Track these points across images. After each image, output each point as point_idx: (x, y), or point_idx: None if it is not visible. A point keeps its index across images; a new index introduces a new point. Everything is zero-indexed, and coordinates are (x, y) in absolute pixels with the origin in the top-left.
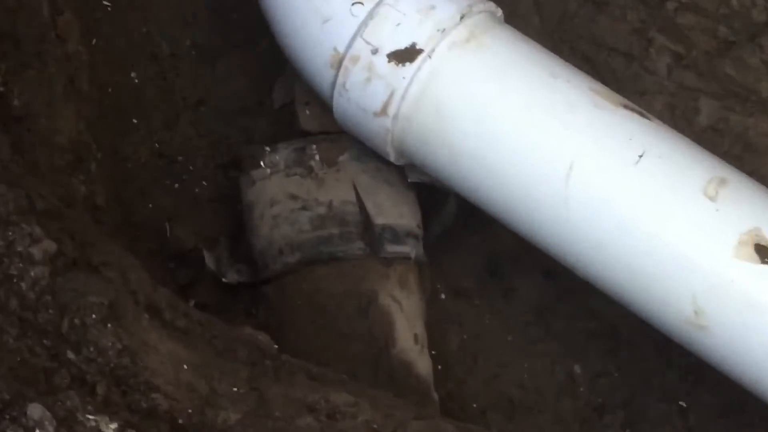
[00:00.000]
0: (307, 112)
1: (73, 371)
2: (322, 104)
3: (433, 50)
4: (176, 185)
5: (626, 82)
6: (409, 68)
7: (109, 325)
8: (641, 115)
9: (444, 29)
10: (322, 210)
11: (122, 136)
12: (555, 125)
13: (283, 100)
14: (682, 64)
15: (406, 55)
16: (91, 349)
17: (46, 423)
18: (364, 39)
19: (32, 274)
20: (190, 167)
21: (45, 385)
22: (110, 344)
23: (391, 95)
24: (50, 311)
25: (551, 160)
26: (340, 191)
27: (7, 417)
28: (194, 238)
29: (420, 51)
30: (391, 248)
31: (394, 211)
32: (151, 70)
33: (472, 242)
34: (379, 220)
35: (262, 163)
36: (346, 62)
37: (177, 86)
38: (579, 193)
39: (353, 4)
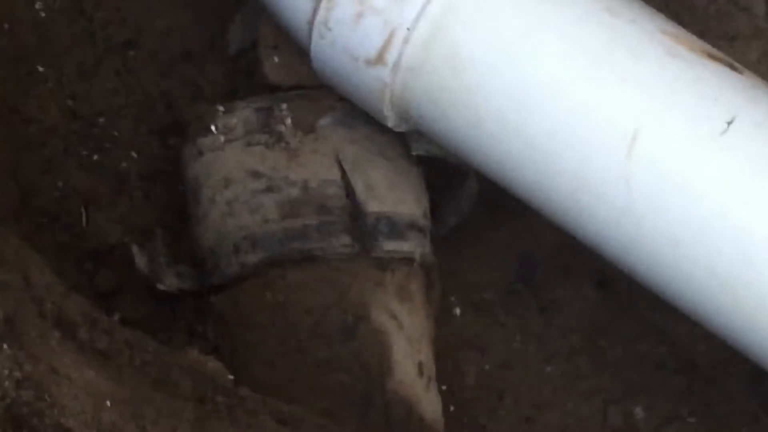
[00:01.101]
0: (276, 59)
1: None
2: (295, 49)
3: None
4: (95, 157)
5: (710, 23)
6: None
7: (4, 346)
8: (731, 67)
9: None
10: (294, 192)
11: (23, 88)
12: (613, 80)
13: (242, 44)
14: None
15: None
16: None
17: None
18: None
19: None
20: (115, 132)
21: None
22: (7, 372)
23: (391, 37)
24: None
25: (607, 127)
26: (320, 167)
27: None
28: (119, 230)
29: None
30: (389, 245)
31: (392, 194)
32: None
33: (498, 239)
34: (372, 206)
35: (213, 128)
36: None
37: (98, 22)
38: (644, 173)
39: None
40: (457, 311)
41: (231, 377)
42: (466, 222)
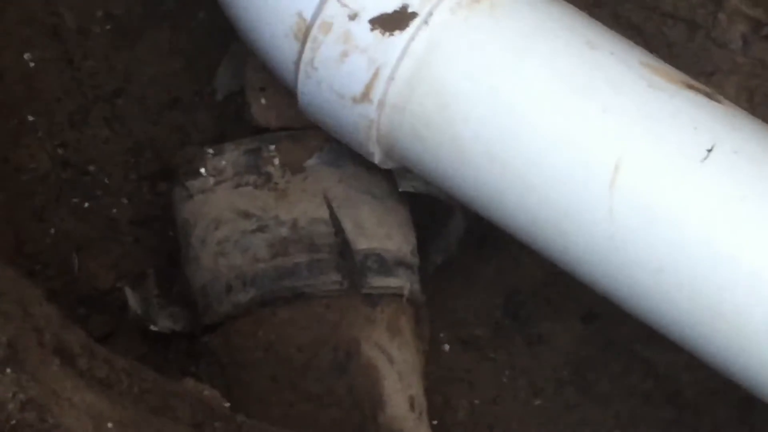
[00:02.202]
0: (263, 101)
1: None
2: (282, 90)
3: (430, 14)
4: (86, 204)
5: (688, 59)
6: (400, 38)
7: (8, 369)
8: (709, 97)
9: None
10: (283, 231)
11: (14, 138)
12: (594, 111)
13: (229, 89)
14: (761, 34)
15: (394, 21)
16: None
17: None
18: (338, 0)
19: None
20: (105, 180)
21: None
22: (10, 395)
23: (376, 75)
24: None
25: (590, 157)
26: (308, 206)
27: None
28: (112, 275)
29: (413, 15)
30: (378, 281)
31: (380, 231)
32: (52, 49)
33: (485, 275)
34: (360, 244)
35: (202, 170)
36: (314, 32)
37: (86, 71)
38: (627, 202)
39: None
40: (447, 347)
41: (227, 404)
42: (454, 259)
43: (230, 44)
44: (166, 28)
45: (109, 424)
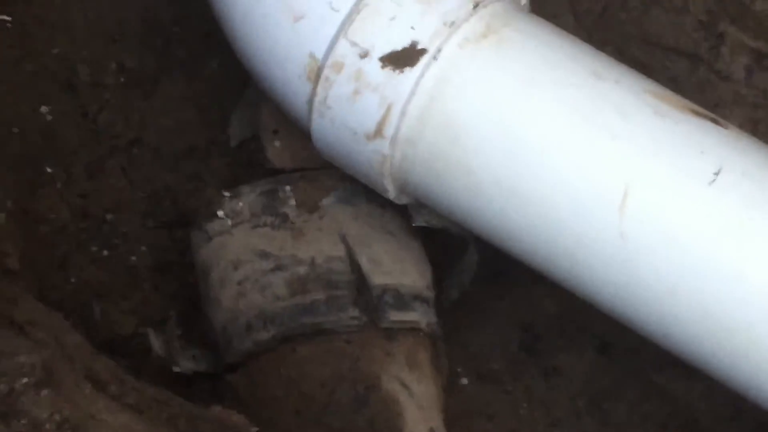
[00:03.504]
0: (277, 143)
1: None
2: (296, 132)
3: (439, 50)
4: (106, 252)
5: (692, 92)
6: (410, 75)
7: (44, 391)
8: (714, 122)
9: (453, 22)
10: (302, 269)
11: (33, 189)
12: (603, 138)
13: (243, 135)
14: (763, 65)
15: (404, 58)
16: (23, 421)
17: None
18: (349, 39)
19: None
20: (124, 228)
21: None
22: (47, 415)
23: (388, 111)
24: None
25: (600, 184)
26: (325, 244)
27: None
28: (133, 321)
29: (423, 51)
30: (395, 316)
31: (396, 267)
32: (68, 102)
33: (500, 310)
34: (377, 279)
35: (220, 213)
36: (326, 71)
37: (102, 123)
38: (638, 226)
39: None
40: (465, 381)
41: (256, 429)
42: (468, 295)
43: (242, 92)
44: (179, 79)
45: None
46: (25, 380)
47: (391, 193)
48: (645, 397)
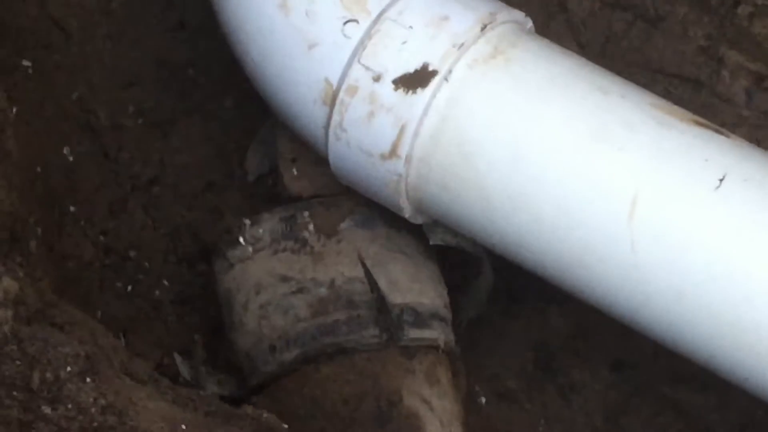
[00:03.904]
0: (294, 171)
1: (53, 428)
2: (312, 160)
3: (450, 71)
4: (130, 288)
5: (694, 115)
6: (422, 95)
7: (87, 379)
8: (717, 132)
9: (462, 44)
10: (322, 291)
11: (58, 228)
12: (611, 151)
13: (260, 170)
14: (763, 87)
15: (416, 80)
16: (69, 406)
17: None
18: (362, 64)
19: None
20: (146, 264)
21: None
22: (91, 400)
23: (402, 131)
24: (17, 362)
25: (609, 194)
26: (344, 266)
27: None
28: (158, 353)
29: (434, 73)
30: (414, 333)
31: (413, 287)
32: (88, 144)
33: (515, 331)
34: (396, 299)
35: (241, 240)
36: (342, 95)
37: (122, 163)
38: (646, 232)
39: (345, 22)
40: (483, 400)
41: (286, 426)
42: (484, 317)
43: (257, 130)
44: (195, 119)
45: (183, 426)
46: (69, 369)
47: (407, 212)
48: (659, 411)
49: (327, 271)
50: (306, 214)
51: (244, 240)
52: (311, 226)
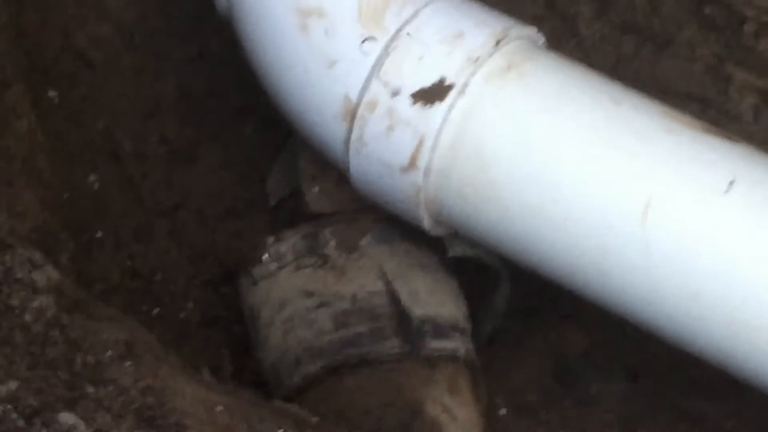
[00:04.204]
0: (316, 189)
1: (96, 405)
2: (333, 178)
3: (465, 84)
4: (156, 310)
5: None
6: (439, 108)
7: (127, 362)
8: (725, 138)
9: (477, 58)
10: (344, 305)
11: (86, 253)
12: (624, 158)
13: (281, 194)
14: None
15: (433, 93)
16: (110, 387)
17: (82, 429)
18: (380, 79)
19: (36, 304)
20: (172, 287)
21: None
22: (132, 381)
23: (420, 143)
24: (60, 346)
25: (623, 199)
26: (365, 280)
27: (39, 421)
28: None
29: (450, 86)
30: (435, 344)
31: (433, 299)
32: (113, 172)
33: (534, 345)
34: (416, 311)
35: (265, 257)
36: (361, 110)
37: (146, 190)
38: (660, 235)
39: (363, 40)
40: (503, 411)
41: (315, 419)
42: (502, 331)
43: (277, 155)
44: (216, 146)
45: (219, 407)
46: (110, 353)
47: (426, 223)
48: (676, 421)
49: (349, 285)
50: (328, 230)
51: (268, 257)
52: (333, 243)
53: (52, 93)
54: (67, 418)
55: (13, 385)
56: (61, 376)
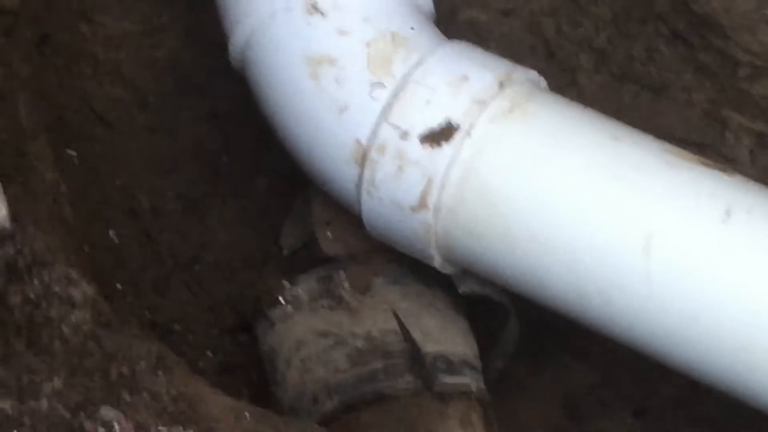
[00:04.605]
0: (329, 233)
1: (131, 410)
2: (345, 222)
3: (472, 125)
4: None
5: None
6: (447, 149)
7: (159, 372)
8: (721, 170)
9: (482, 100)
10: (359, 343)
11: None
12: (626, 192)
13: (295, 245)
14: (766, 145)
15: (441, 135)
16: (144, 395)
17: (123, 422)
18: (390, 123)
19: (73, 318)
20: (190, 336)
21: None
22: (164, 390)
23: (429, 183)
24: (97, 357)
25: (626, 232)
26: (379, 320)
27: (81, 414)
28: None
29: (456, 128)
30: (447, 379)
31: (445, 337)
32: (132, 227)
33: (542, 383)
34: (429, 347)
35: (281, 300)
36: (372, 154)
37: (163, 244)
38: (662, 265)
39: (373, 86)
40: None
41: None
42: (511, 371)
43: (290, 207)
44: (231, 201)
45: (247, 414)
46: (143, 363)
47: (437, 261)
48: None
49: (363, 324)
50: (341, 273)
51: (284, 300)
52: (346, 284)
53: (71, 152)
54: (108, 410)
55: (58, 383)
56: (98, 384)
